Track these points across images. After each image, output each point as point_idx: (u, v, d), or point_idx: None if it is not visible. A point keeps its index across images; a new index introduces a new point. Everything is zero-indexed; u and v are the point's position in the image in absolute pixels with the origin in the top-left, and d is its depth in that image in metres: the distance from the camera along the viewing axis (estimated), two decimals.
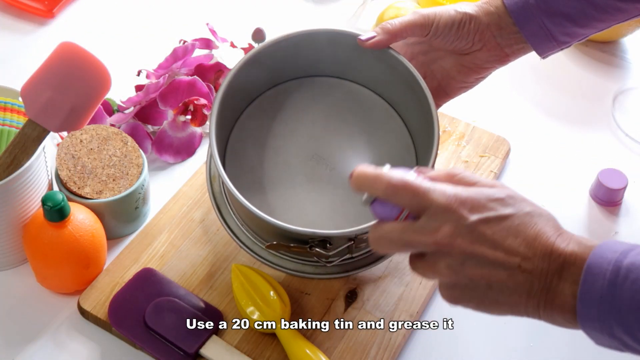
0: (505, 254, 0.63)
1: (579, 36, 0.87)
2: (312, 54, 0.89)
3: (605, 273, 0.60)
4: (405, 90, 0.88)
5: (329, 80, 0.93)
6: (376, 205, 0.67)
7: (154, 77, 1.06)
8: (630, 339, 0.60)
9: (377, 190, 0.65)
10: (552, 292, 0.62)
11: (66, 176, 0.90)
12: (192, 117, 1.03)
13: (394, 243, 0.66)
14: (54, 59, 0.82)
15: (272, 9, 1.26)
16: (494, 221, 0.63)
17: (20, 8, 1.21)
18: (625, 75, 1.18)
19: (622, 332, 0.60)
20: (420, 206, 0.64)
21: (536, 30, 0.85)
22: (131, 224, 0.94)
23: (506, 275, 0.63)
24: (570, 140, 1.09)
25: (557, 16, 0.85)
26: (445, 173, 0.67)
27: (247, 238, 0.85)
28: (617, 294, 0.59)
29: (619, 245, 0.61)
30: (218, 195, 0.87)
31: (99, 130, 0.93)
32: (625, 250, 0.61)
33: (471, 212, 0.63)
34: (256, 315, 0.84)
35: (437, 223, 0.63)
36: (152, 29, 1.21)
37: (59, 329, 0.86)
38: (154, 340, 0.83)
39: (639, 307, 0.59)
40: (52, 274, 0.87)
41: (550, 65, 1.18)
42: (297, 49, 0.88)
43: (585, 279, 0.61)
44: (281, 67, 0.90)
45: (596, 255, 0.61)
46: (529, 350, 0.87)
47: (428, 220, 0.64)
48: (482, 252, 0.63)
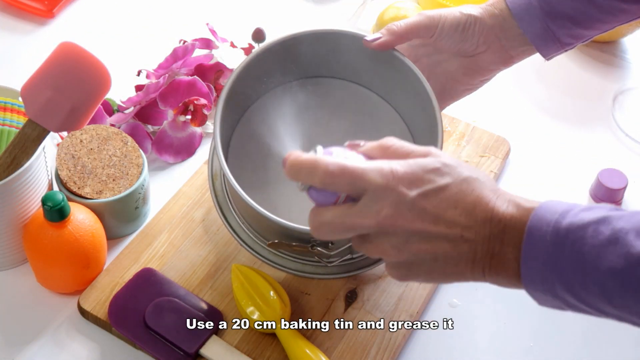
0: (447, 227, 0.64)
1: (582, 37, 0.87)
2: (316, 54, 0.89)
3: (546, 235, 0.61)
4: (408, 92, 0.87)
5: (332, 81, 0.93)
6: (313, 191, 0.66)
7: (154, 77, 1.06)
8: (572, 298, 0.62)
9: (314, 180, 0.64)
10: (496, 257, 0.64)
11: (66, 176, 0.90)
12: (192, 117, 1.03)
13: (336, 229, 0.65)
14: (54, 59, 0.82)
15: (272, 9, 1.26)
16: (433, 194, 0.64)
17: (20, 8, 1.21)
18: (625, 75, 1.18)
19: (565, 291, 0.61)
20: (359, 189, 0.64)
21: (540, 33, 0.85)
22: (131, 224, 0.95)
23: (450, 247, 0.64)
24: (570, 140, 1.09)
25: (560, 18, 0.85)
26: (378, 145, 0.67)
27: (248, 237, 0.85)
28: (558, 255, 0.61)
29: (557, 206, 0.62)
30: (220, 193, 0.87)
31: (99, 130, 0.93)
32: (564, 210, 0.62)
33: (410, 188, 0.64)
34: (256, 315, 0.84)
35: (378, 204, 0.63)
36: (152, 29, 1.21)
37: (59, 329, 0.86)
38: (154, 340, 0.83)
39: (580, 266, 0.60)
40: (52, 274, 0.87)
41: (550, 65, 1.18)
42: (301, 48, 0.88)
43: (526, 242, 0.62)
44: (284, 66, 0.90)
45: (536, 217, 0.62)
46: (529, 350, 0.87)
47: (368, 201, 0.64)
48: (425, 228, 0.64)
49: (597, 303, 0.61)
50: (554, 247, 0.61)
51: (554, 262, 0.61)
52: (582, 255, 0.60)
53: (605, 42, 1.21)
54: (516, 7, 0.85)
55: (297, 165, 0.65)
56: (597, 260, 0.60)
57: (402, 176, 0.64)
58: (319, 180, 0.64)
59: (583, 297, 0.61)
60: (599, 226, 0.60)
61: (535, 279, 0.62)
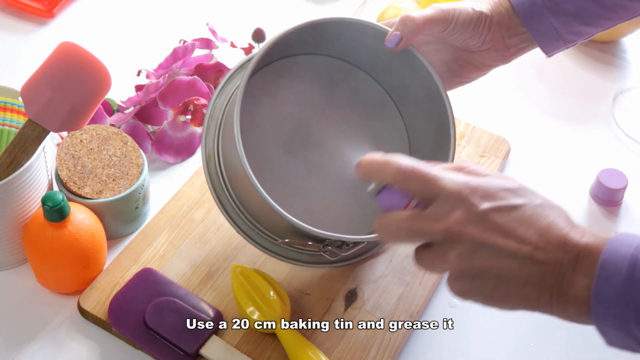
0: (517, 243, 0.61)
1: (585, 34, 0.87)
2: (340, 38, 0.88)
3: (621, 269, 0.59)
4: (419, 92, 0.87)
5: (333, 61, 0.92)
6: (383, 196, 0.65)
7: (154, 77, 1.06)
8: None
9: (387, 176, 0.64)
10: (566, 284, 0.61)
11: (66, 176, 0.90)
12: (192, 117, 1.03)
13: (402, 231, 0.64)
14: (54, 59, 0.82)
15: (272, 9, 1.26)
16: (506, 210, 0.62)
17: (20, 8, 1.21)
18: (625, 75, 1.18)
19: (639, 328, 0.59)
20: (430, 193, 0.63)
21: (543, 30, 0.85)
22: (131, 224, 0.95)
23: (518, 266, 0.61)
24: (570, 140, 1.09)
25: (564, 15, 0.85)
26: (454, 165, 0.66)
27: (243, 222, 0.84)
28: (634, 291, 0.58)
29: (634, 240, 0.60)
30: (214, 177, 0.85)
31: (99, 130, 0.93)
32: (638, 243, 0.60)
33: (482, 200, 0.62)
34: (256, 315, 0.84)
35: (448, 210, 0.62)
36: (152, 29, 1.21)
37: (59, 329, 0.86)
38: (154, 340, 0.83)
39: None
40: (52, 274, 0.87)
41: (550, 65, 1.18)
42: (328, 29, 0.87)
43: (600, 275, 0.59)
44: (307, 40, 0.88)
45: (610, 249, 0.60)
46: (529, 350, 0.87)
47: (438, 207, 0.63)
48: (494, 241, 0.61)
49: None
50: (629, 281, 0.58)
51: (629, 297, 0.58)
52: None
53: (605, 42, 1.21)
54: (519, 4, 0.85)
55: (371, 163, 0.65)
56: None
57: (475, 187, 0.63)
58: (391, 177, 0.64)
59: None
60: None
61: (607, 313, 0.59)
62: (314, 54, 0.90)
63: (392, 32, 0.83)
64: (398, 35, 0.83)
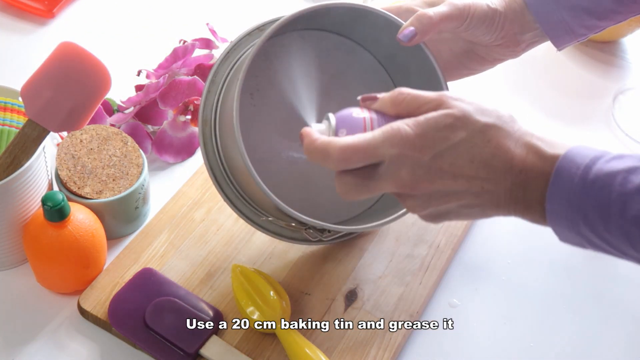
0: (467, 181, 0.65)
1: (596, 28, 0.88)
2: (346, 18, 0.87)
3: (574, 178, 0.62)
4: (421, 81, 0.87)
5: (353, 45, 0.92)
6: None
7: (154, 77, 1.06)
8: (596, 238, 0.63)
9: (330, 165, 0.67)
10: (520, 203, 0.65)
11: (66, 176, 0.90)
12: (192, 117, 1.03)
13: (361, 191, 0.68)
14: (54, 59, 0.82)
15: (272, 9, 1.26)
16: (447, 152, 0.65)
17: (20, 8, 1.21)
18: (625, 75, 1.18)
19: (589, 231, 0.63)
20: (375, 161, 0.66)
21: (555, 24, 0.86)
22: (131, 224, 0.95)
23: (473, 198, 0.66)
24: (570, 140, 1.09)
25: (576, 9, 0.85)
26: (390, 100, 0.69)
27: (233, 193, 0.85)
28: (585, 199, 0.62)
29: (589, 152, 0.64)
30: (209, 142, 0.85)
31: (99, 130, 0.93)
32: (595, 157, 0.63)
33: (423, 152, 0.65)
34: (256, 315, 0.84)
35: (396, 172, 0.66)
36: (152, 29, 1.21)
37: (59, 329, 0.86)
38: (154, 340, 0.83)
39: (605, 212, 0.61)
40: (52, 274, 0.87)
41: (550, 65, 1.18)
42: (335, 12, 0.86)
43: (553, 182, 0.63)
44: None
45: (565, 159, 0.63)
46: (529, 350, 0.87)
47: (386, 170, 0.66)
48: (445, 185, 0.65)
49: (620, 246, 0.62)
50: (581, 190, 0.62)
51: (580, 204, 0.62)
52: (608, 202, 0.61)
53: (605, 42, 1.21)
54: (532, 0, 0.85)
55: (312, 152, 0.68)
56: (623, 208, 0.61)
57: (413, 141, 0.65)
58: (334, 166, 0.67)
59: (607, 239, 0.63)
60: (628, 175, 0.61)
61: (560, 216, 0.63)
62: (322, 29, 0.91)
63: (407, 26, 0.82)
64: (413, 30, 0.82)
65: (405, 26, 0.82)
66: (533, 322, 0.90)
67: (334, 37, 0.91)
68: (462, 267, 0.94)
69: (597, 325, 0.89)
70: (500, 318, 0.90)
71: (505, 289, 0.92)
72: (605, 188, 0.61)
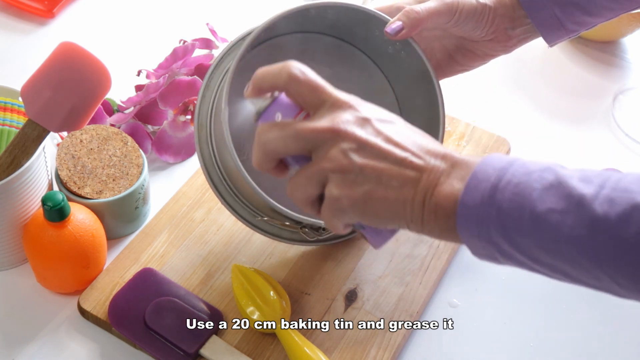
0: (397, 148, 0.64)
1: (588, 24, 0.88)
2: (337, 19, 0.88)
3: (489, 178, 0.61)
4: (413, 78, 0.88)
5: (335, 41, 0.92)
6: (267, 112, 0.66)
7: (154, 77, 1.06)
8: (506, 244, 0.60)
9: (280, 80, 0.65)
10: (439, 188, 0.62)
11: (66, 176, 0.90)
12: (192, 117, 1.03)
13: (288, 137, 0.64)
14: (54, 59, 0.82)
15: (272, 9, 1.25)
16: (387, 122, 0.66)
17: (20, 8, 1.21)
18: (625, 75, 1.18)
19: (500, 235, 0.60)
20: (319, 100, 0.65)
21: (546, 20, 0.86)
22: (131, 224, 0.95)
23: (397, 169, 0.63)
24: (570, 140, 1.09)
25: (568, 5, 0.86)
26: None
27: (229, 194, 0.85)
28: (498, 196, 0.60)
29: (506, 157, 0.63)
30: (204, 144, 0.85)
31: (99, 130, 0.93)
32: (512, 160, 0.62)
33: (366, 111, 0.65)
34: (256, 315, 0.84)
35: (334, 112, 0.64)
36: (152, 29, 1.21)
37: (59, 329, 0.86)
38: (154, 340, 0.83)
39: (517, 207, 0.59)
40: (52, 274, 0.87)
41: (550, 65, 1.18)
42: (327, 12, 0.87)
43: (469, 183, 0.61)
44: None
45: (484, 163, 0.62)
46: (529, 350, 0.87)
47: (325, 110, 0.65)
48: (377, 143, 0.64)
49: (531, 249, 0.60)
50: (494, 189, 0.60)
51: (492, 202, 0.60)
52: (522, 197, 0.59)
53: (605, 42, 1.21)
54: None
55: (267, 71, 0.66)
56: (537, 202, 0.59)
57: (360, 102, 0.66)
58: (283, 80, 0.65)
59: (517, 242, 0.60)
60: (543, 173, 0.60)
61: (471, 220, 0.61)
62: (309, 32, 0.91)
63: (394, 20, 0.84)
64: (400, 25, 0.83)
65: (392, 21, 0.84)
66: (533, 322, 0.90)
67: (330, 39, 0.92)
68: (462, 267, 0.94)
69: (597, 325, 0.89)
70: (500, 318, 0.90)
71: (505, 289, 0.92)
72: (519, 185, 0.60)
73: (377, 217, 0.65)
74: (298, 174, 0.66)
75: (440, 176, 0.63)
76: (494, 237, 0.61)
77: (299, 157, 0.66)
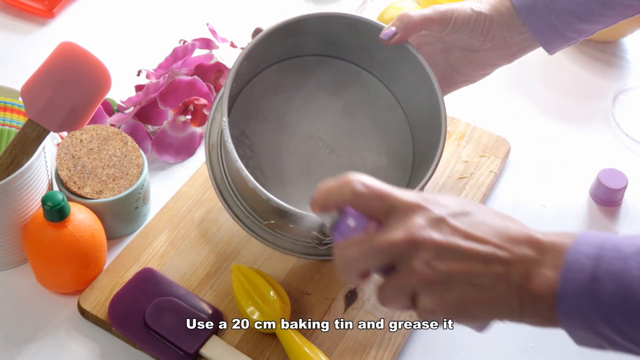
0: (479, 244, 0.61)
1: (586, 32, 0.88)
2: (326, 33, 0.89)
3: (585, 268, 0.58)
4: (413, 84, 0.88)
5: (336, 61, 0.93)
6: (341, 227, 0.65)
7: (154, 77, 1.06)
8: (615, 334, 0.58)
9: (345, 196, 0.64)
10: (532, 278, 0.60)
11: (66, 176, 0.90)
12: (192, 117, 1.03)
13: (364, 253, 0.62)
14: (54, 59, 0.82)
15: (272, 9, 1.26)
16: (462, 215, 0.62)
17: (20, 8, 1.21)
18: (625, 75, 1.18)
19: (607, 328, 0.58)
20: (387, 207, 0.63)
21: (545, 29, 0.86)
22: (131, 224, 0.95)
23: (483, 266, 0.60)
24: (570, 140, 1.09)
25: (564, 14, 0.86)
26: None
27: (241, 211, 0.85)
28: (599, 289, 0.58)
29: (597, 238, 0.60)
30: (216, 165, 0.86)
31: (99, 130, 0.93)
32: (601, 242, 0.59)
33: (438, 208, 0.62)
34: (256, 315, 0.84)
35: (407, 218, 0.62)
36: (152, 29, 1.21)
37: (59, 329, 0.86)
38: (154, 340, 0.83)
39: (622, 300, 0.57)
40: (52, 274, 0.87)
41: (550, 65, 1.18)
42: (309, 27, 0.89)
43: (563, 275, 0.59)
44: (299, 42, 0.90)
45: (574, 249, 0.59)
46: (529, 350, 0.87)
47: (396, 218, 0.62)
48: (457, 244, 0.61)
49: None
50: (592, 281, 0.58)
51: (592, 294, 0.58)
52: (624, 289, 0.57)
53: (605, 42, 1.21)
54: (521, 4, 0.86)
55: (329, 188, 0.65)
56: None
57: (429, 198, 0.63)
58: (349, 196, 0.63)
59: (626, 333, 0.58)
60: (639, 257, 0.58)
61: (574, 314, 0.59)
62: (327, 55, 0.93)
63: (388, 26, 0.85)
64: (393, 30, 0.85)
65: (387, 27, 0.85)
66: None
67: (336, 61, 0.93)
68: None
69: None
70: None
71: None
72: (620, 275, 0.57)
73: (474, 319, 0.63)
74: (386, 286, 0.64)
75: (529, 266, 0.60)
76: (601, 329, 0.59)
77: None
